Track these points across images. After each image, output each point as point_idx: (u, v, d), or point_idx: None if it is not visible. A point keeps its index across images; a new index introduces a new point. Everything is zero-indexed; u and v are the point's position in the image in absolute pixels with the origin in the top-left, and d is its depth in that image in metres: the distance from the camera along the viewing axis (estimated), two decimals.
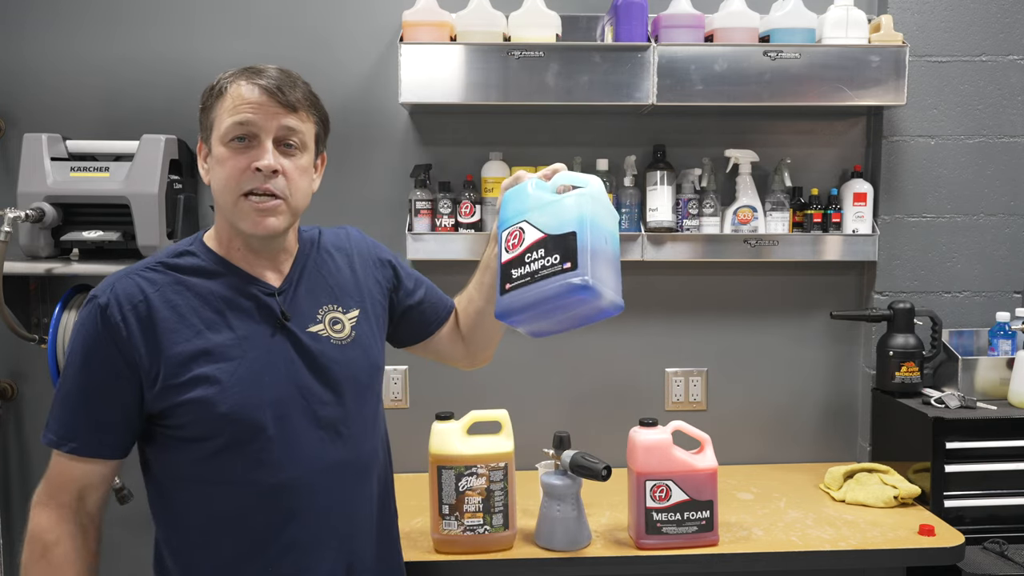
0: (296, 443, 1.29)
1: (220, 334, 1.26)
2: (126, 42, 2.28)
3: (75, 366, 1.24)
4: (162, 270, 1.28)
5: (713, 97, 2.11)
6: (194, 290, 1.27)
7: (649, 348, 2.40)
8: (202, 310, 1.26)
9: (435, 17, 2.14)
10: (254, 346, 1.28)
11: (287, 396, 1.29)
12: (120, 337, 1.22)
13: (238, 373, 1.25)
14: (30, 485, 2.37)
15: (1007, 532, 2.01)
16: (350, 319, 1.39)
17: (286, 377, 1.29)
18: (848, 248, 2.27)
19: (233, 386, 1.24)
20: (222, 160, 1.25)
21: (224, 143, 1.26)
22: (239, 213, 1.26)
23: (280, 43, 2.30)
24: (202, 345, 1.24)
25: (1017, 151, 2.33)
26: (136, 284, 1.25)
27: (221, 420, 1.23)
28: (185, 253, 1.31)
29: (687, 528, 1.79)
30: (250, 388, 1.26)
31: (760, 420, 2.43)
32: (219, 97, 1.27)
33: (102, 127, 2.27)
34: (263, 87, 1.25)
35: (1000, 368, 2.19)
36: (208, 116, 1.29)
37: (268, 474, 1.27)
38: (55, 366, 2.07)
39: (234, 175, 1.25)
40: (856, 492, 2.08)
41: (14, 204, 2.06)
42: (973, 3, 2.29)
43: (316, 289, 1.38)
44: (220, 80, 1.29)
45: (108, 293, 1.24)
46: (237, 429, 1.25)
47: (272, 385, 1.28)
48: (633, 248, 2.23)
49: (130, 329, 1.22)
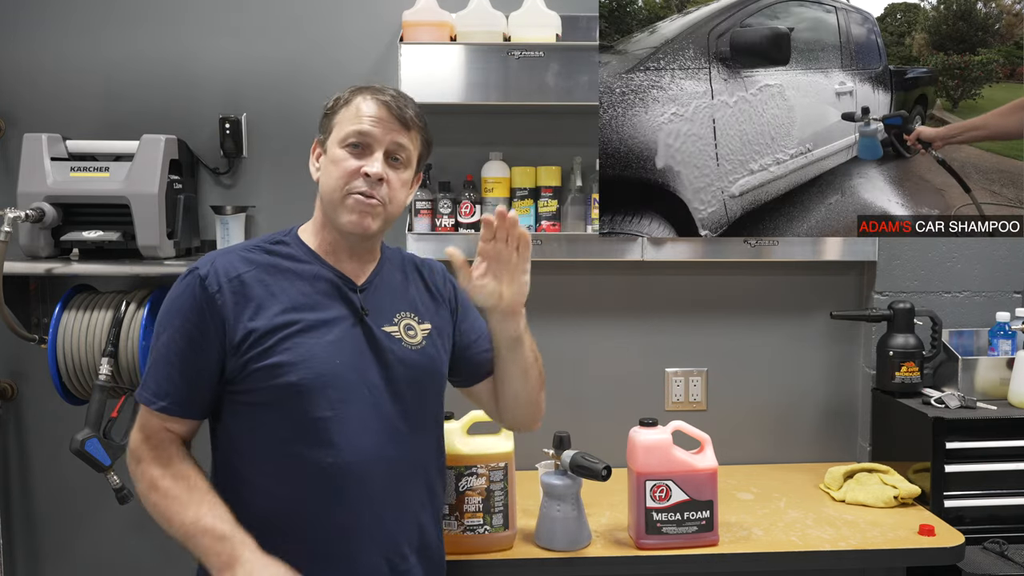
0: (353, 430, 1.36)
1: (303, 314, 1.36)
2: (126, 42, 2.28)
3: (171, 330, 1.35)
4: (259, 252, 1.41)
5: None
6: (286, 273, 1.39)
7: (649, 348, 2.40)
8: (291, 290, 1.37)
9: (435, 17, 2.14)
10: (332, 331, 1.37)
11: (352, 383, 1.37)
12: (215, 305, 1.33)
13: (313, 350, 1.34)
14: (30, 485, 2.38)
15: (1007, 532, 2.01)
16: (423, 329, 1.49)
17: (355, 366, 1.38)
18: (848, 248, 2.27)
19: (305, 360, 1.33)
20: (337, 160, 1.38)
21: (342, 146, 1.39)
22: (343, 208, 1.38)
23: (280, 43, 2.30)
24: (286, 319, 1.35)
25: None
26: (234, 261, 1.37)
27: (288, 389, 1.32)
28: (280, 242, 1.43)
29: (687, 528, 1.79)
30: (320, 366, 1.34)
31: (760, 420, 2.43)
32: (344, 106, 1.41)
33: (102, 127, 2.27)
34: (384, 103, 1.39)
35: (1000, 368, 2.19)
36: (330, 121, 1.42)
37: (323, 454, 1.34)
38: (55, 366, 2.07)
39: (345, 175, 1.37)
40: (856, 492, 2.08)
41: (14, 204, 2.06)
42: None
43: (395, 295, 1.48)
44: (347, 92, 1.43)
45: (208, 266, 1.36)
46: (300, 402, 1.33)
47: (341, 369, 1.36)
48: (633, 248, 2.23)
49: (224, 299, 1.33)
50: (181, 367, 1.34)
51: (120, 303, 2.09)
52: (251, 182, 2.33)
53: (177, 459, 1.35)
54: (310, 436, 1.34)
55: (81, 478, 2.29)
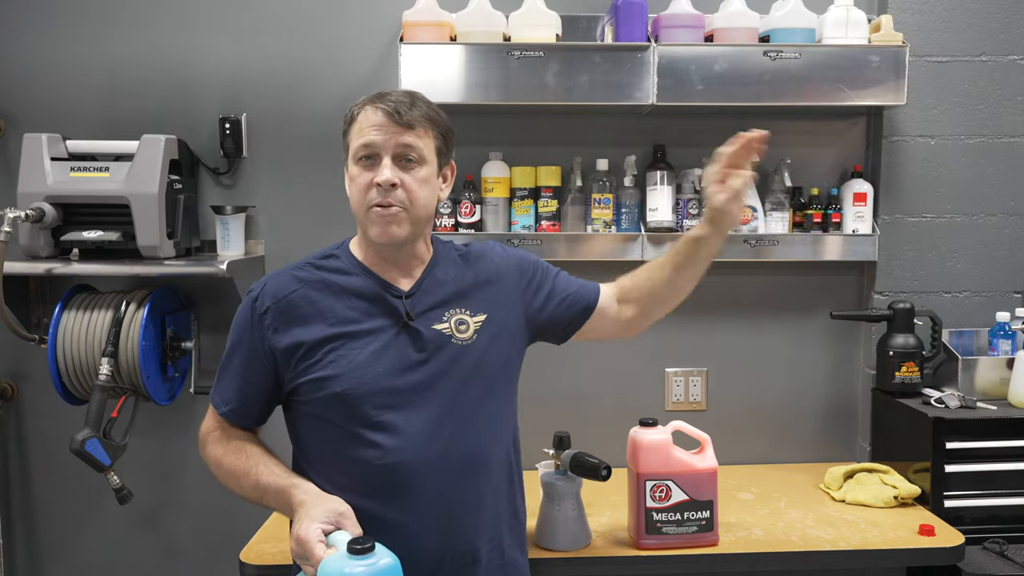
0: (401, 431, 1.39)
1: (348, 326, 1.42)
2: (126, 42, 2.28)
3: (231, 345, 1.47)
4: (310, 269, 1.47)
5: (713, 97, 2.12)
6: (332, 287, 1.44)
7: (649, 348, 2.40)
8: (337, 305, 1.43)
9: (435, 17, 2.14)
10: (376, 339, 1.42)
11: (398, 387, 1.41)
12: (262, 325, 1.42)
13: (356, 360, 1.40)
14: (30, 485, 2.38)
15: (1007, 532, 2.01)
16: (476, 322, 1.49)
17: (400, 370, 1.41)
18: (848, 248, 2.27)
19: (350, 371, 1.39)
20: (353, 177, 1.42)
21: (354, 162, 1.42)
22: (368, 223, 1.42)
23: (281, 43, 2.30)
24: (331, 333, 1.41)
25: (1017, 151, 2.33)
26: (285, 282, 1.45)
27: (335, 400, 1.38)
28: (331, 256, 1.49)
29: (687, 528, 1.79)
30: (364, 375, 1.39)
31: (760, 420, 2.43)
32: (351, 123, 1.43)
33: (102, 127, 2.27)
34: (383, 110, 1.39)
35: (1000, 368, 2.19)
36: (345, 140, 1.45)
37: (375, 455, 1.38)
38: (55, 366, 2.07)
39: (362, 190, 1.41)
40: (856, 492, 2.08)
41: (14, 204, 2.06)
42: (973, 3, 2.29)
43: (446, 292, 1.49)
44: (353, 108, 1.44)
45: (260, 288, 1.45)
46: (349, 410, 1.39)
47: (383, 377, 1.40)
48: (633, 248, 2.23)
49: (270, 319, 1.41)
50: (238, 381, 1.46)
51: (120, 303, 2.09)
52: (251, 182, 2.33)
53: (236, 437, 1.47)
54: (361, 441, 1.39)
55: (81, 478, 2.29)
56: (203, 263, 2.11)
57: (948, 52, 2.30)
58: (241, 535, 1.94)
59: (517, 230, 2.26)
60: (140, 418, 2.21)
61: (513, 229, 2.26)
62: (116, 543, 2.39)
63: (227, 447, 1.46)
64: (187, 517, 2.39)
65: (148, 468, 2.37)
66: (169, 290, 2.23)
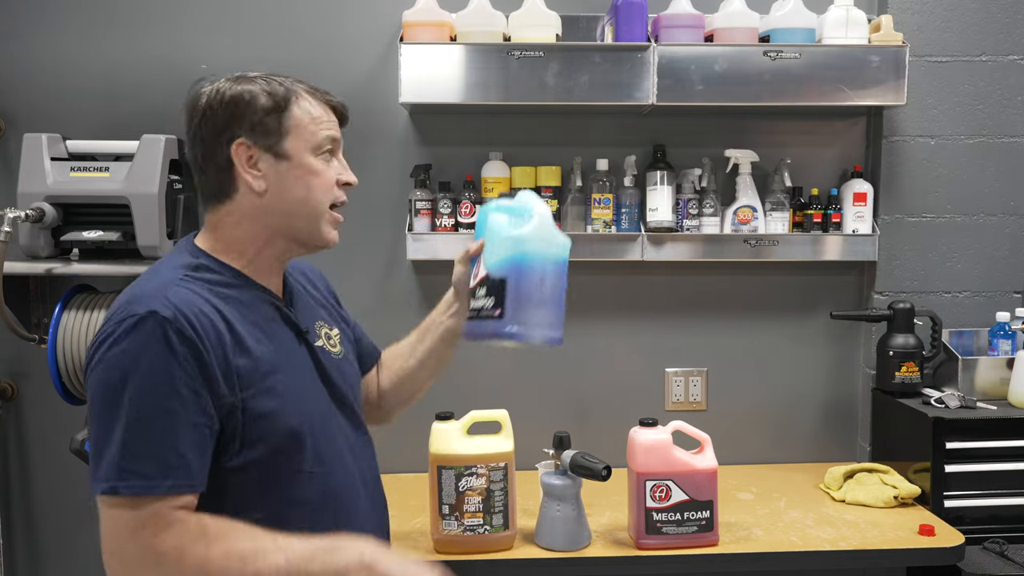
0: (332, 453, 1.28)
1: (264, 345, 1.22)
2: (126, 42, 2.28)
3: (151, 391, 1.09)
4: (197, 283, 1.19)
5: (713, 97, 2.11)
6: (229, 302, 1.21)
7: (649, 348, 2.40)
8: (243, 322, 1.21)
9: (435, 17, 2.14)
10: (290, 358, 1.26)
11: (322, 408, 1.29)
12: (197, 349, 1.12)
13: (289, 385, 1.23)
14: (30, 485, 2.38)
15: (1007, 532, 2.01)
16: (336, 335, 1.40)
17: (316, 389, 1.30)
18: (848, 248, 2.27)
19: (289, 398, 1.22)
20: (316, 171, 1.26)
21: (316, 154, 1.26)
22: (324, 223, 1.27)
23: (280, 43, 2.30)
24: (258, 356, 1.19)
25: (1017, 151, 2.33)
26: (186, 295, 1.16)
27: (285, 432, 1.20)
28: (200, 267, 1.23)
29: (687, 528, 1.79)
30: (299, 400, 1.24)
31: (760, 420, 2.43)
32: (288, 107, 1.25)
33: (102, 127, 2.27)
34: (331, 104, 1.30)
35: (1000, 368, 2.19)
36: (279, 119, 1.24)
37: (317, 483, 1.25)
38: (55, 366, 2.07)
39: (328, 187, 1.27)
40: (856, 492, 2.08)
41: (14, 204, 2.05)
42: (973, 3, 2.29)
43: (307, 306, 1.38)
44: (283, 87, 1.26)
45: (167, 305, 1.12)
46: (293, 441, 1.21)
47: (311, 397, 1.28)
48: (633, 248, 2.23)
49: (205, 340, 1.13)
50: (178, 429, 1.10)
51: None
52: None
53: (204, 521, 1.12)
54: (303, 471, 1.23)
55: (81, 478, 2.27)
56: None
57: (948, 52, 2.30)
58: None
59: None
60: None
61: None
62: None
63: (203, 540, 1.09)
64: None
65: None
66: None
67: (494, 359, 1.67)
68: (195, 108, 1.26)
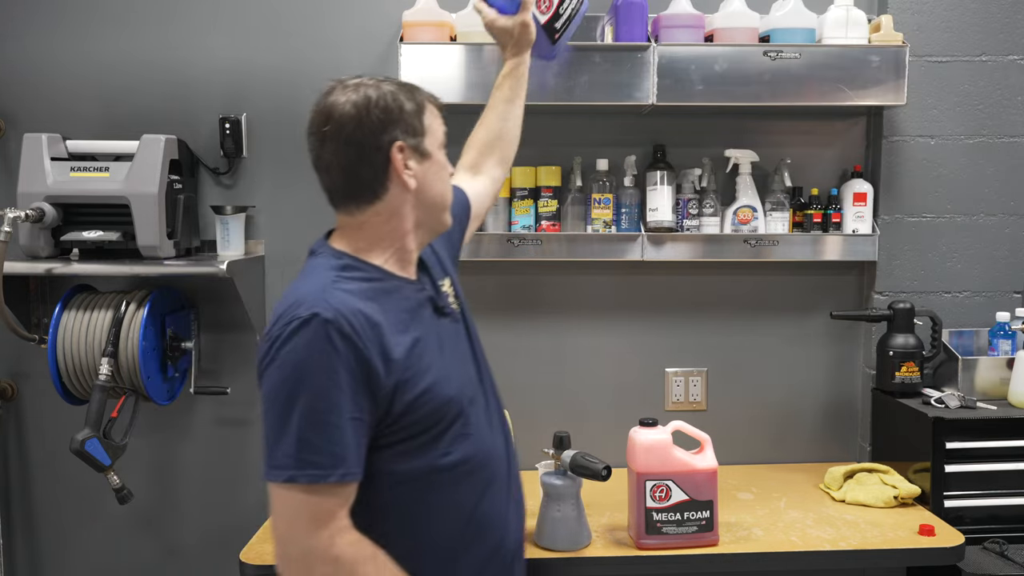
0: (480, 421, 1.39)
1: (415, 331, 1.31)
2: (126, 42, 2.28)
3: (318, 388, 1.18)
4: (352, 282, 1.28)
5: (713, 97, 2.11)
6: (377, 297, 1.29)
7: (649, 348, 2.40)
8: (394, 311, 1.29)
9: (435, 17, 2.14)
10: (439, 337, 1.37)
11: (471, 378, 1.41)
12: (356, 346, 1.20)
13: (443, 359, 1.34)
14: (30, 485, 2.38)
15: (1007, 532, 2.01)
16: (447, 285, 1.48)
17: (465, 362, 1.42)
18: (848, 248, 2.27)
19: (442, 372, 1.32)
20: (446, 165, 1.39)
21: (442, 150, 1.39)
22: (447, 211, 1.41)
23: (280, 43, 2.30)
24: (413, 339, 1.29)
25: (1017, 151, 2.33)
26: (344, 297, 1.24)
27: (447, 404, 1.31)
28: (347, 267, 1.31)
29: (687, 528, 1.79)
30: (450, 375, 1.34)
31: (760, 420, 2.43)
32: (425, 110, 1.35)
33: (102, 127, 2.27)
34: (439, 105, 1.41)
35: (1000, 368, 2.19)
36: (420, 120, 1.33)
37: (470, 448, 1.34)
38: (55, 366, 2.07)
39: (449, 179, 1.42)
40: (856, 492, 2.08)
41: (14, 204, 2.06)
42: (973, 3, 2.29)
43: (437, 274, 1.47)
44: (419, 95, 1.36)
45: (327, 307, 1.21)
46: (450, 410, 1.32)
47: (461, 371, 1.39)
48: (633, 248, 2.23)
49: (362, 335, 1.21)
50: (343, 423, 1.20)
51: (120, 303, 2.09)
52: (251, 182, 2.33)
53: (376, 549, 1.25)
54: (459, 438, 1.33)
55: (81, 478, 2.29)
56: (203, 263, 2.11)
57: (948, 52, 2.30)
58: (241, 535, 1.94)
59: (517, 230, 2.26)
60: (140, 418, 2.21)
61: (513, 229, 2.26)
62: (116, 543, 2.39)
63: (377, 568, 1.24)
64: (187, 517, 2.39)
65: (148, 468, 2.37)
66: (169, 290, 2.23)
67: (494, 359, 1.66)
68: (342, 115, 1.29)
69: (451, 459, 1.32)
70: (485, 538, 1.37)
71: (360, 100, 1.29)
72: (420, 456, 1.30)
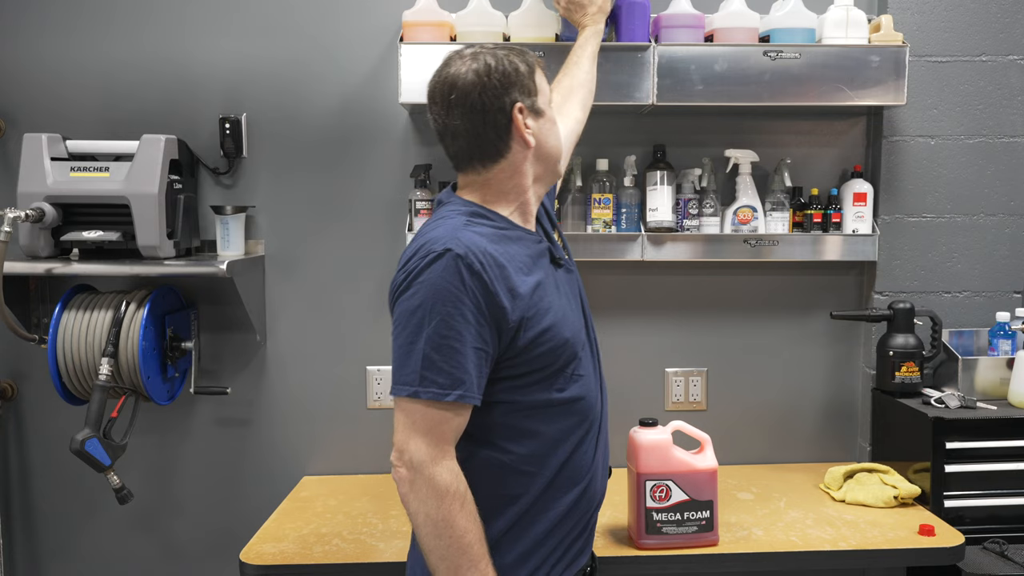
0: (589, 363, 1.48)
1: (537, 275, 1.39)
2: (126, 43, 2.29)
3: (446, 316, 1.27)
4: (474, 224, 1.36)
5: (713, 97, 2.11)
6: (504, 242, 1.37)
7: (649, 348, 2.40)
8: (519, 255, 1.38)
9: (435, 17, 2.14)
10: (557, 283, 1.45)
11: (582, 323, 1.49)
12: (484, 281, 1.29)
13: (561, 303, 1.42)
14: (30, 485, 2.38)
15: (1007, 532, 2.01)
16: (559, 238, 1.57)
17: (577, 308, 1.49)
18: (848, 248, 2.27)
19: (564, 315, 1.40)
20: (555, 120, 1.48)
21: (551, 106, 1.47)
22: (562, 161, 1.51)
23: (280, 43, 2.30)
24: (536, 281, 1.37)
25: (1017, 151, 2.33)
26: (474, 237, 1.32)
27: (564, 345, 1.38)
28: (477, 214, 1.39)
29: (687, 528, 1.80)
30: (567, 317, 1.42)
31: (760, 420, 2.43)
32: (537, 64, 1.44)
33: (102, 127, 2.27)
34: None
35: (1000, 368, 2.19)
36: (533, 81, 1.41)
37: (580, 390, 1.43)
38: (55, 366, 2.07)
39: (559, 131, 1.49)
40: (856, 492, 2.08)
41: (14, 204, 2.06)
42: (973, 3, 2.29)
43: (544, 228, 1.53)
44: (528, 57, 1.43)
45: (459, 244, 1.29)
46: (567, 349, 1.40)
47: (575, 317, 1.46)
48: (633, 248, 2.23)
49: (490, 272, 1.30)
50: (465, 350, 1.28)
51: (120, 303, 2.09)
52: (251, 182, 2.33)
53: (463, 481, 1.31)
54: (571, 378, 1.42)
55: (81, 478, 2.29)
56: (203, 263, 2.11)
57: (948, 52, 2.30)
58: (241, 535, 1.94)
59: None
60: (140, 418, 2.21)
61: None
62: (116, 543, 2.39)
63: (466, 504, 1.30)
64: (187, 517, 2.39)
65: (148, 468, 2.37)
66: (169, 290, 2.23)
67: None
68: (466, 83, 1.37)
69: (565, 395, 1.40)
70: (580, 477, 1.43)
71: (481, 68, 1.37)
72: (538, 390, 1.38)
